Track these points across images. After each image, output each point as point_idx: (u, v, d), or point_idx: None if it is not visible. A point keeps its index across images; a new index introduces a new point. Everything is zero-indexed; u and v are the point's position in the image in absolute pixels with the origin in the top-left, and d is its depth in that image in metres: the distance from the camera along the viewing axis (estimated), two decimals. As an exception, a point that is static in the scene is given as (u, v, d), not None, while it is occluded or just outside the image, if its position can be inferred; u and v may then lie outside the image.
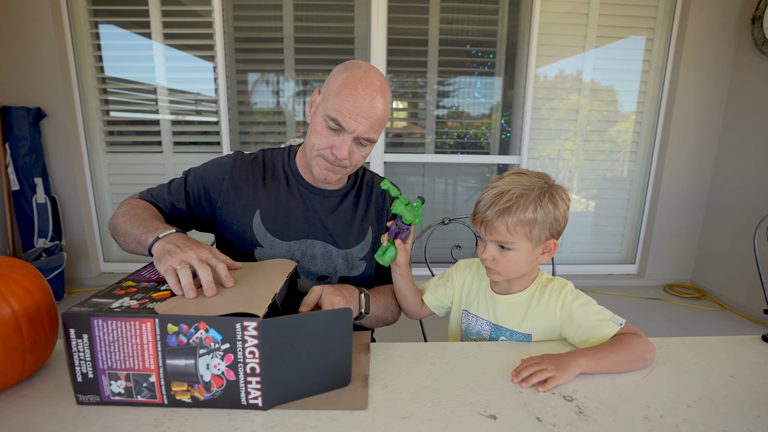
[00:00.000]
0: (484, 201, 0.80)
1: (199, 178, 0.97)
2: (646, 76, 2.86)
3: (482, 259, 0.83)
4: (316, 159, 0.90)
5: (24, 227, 2.53)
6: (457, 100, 2.89)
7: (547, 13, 2.70)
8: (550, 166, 2.98)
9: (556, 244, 0.83)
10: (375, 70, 0.87)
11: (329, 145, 0.87)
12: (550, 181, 0.81)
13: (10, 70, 2.45)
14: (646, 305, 2.70)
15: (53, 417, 0.59)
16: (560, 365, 0.70)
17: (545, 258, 0.84)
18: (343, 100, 0.83)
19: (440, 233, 1.44)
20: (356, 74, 0.84)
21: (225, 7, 2.59)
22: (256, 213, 0.94)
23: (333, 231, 0.97)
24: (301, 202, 0.96)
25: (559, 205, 0.79)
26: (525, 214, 0.76)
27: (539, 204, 0.77)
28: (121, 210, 0.88)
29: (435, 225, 1.29)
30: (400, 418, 0.61)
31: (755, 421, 0.63)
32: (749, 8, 2.59)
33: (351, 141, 0.86)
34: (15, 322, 0.62)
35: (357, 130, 0.84)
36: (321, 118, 0.86)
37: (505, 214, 0.77)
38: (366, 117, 0.84)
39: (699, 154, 2.86)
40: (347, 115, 0.83)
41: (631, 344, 0.74)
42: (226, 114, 2.70)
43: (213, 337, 0.57)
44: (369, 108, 0.83)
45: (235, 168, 0.96)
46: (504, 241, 0.79)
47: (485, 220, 0.79)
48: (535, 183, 0.79)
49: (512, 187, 0.78)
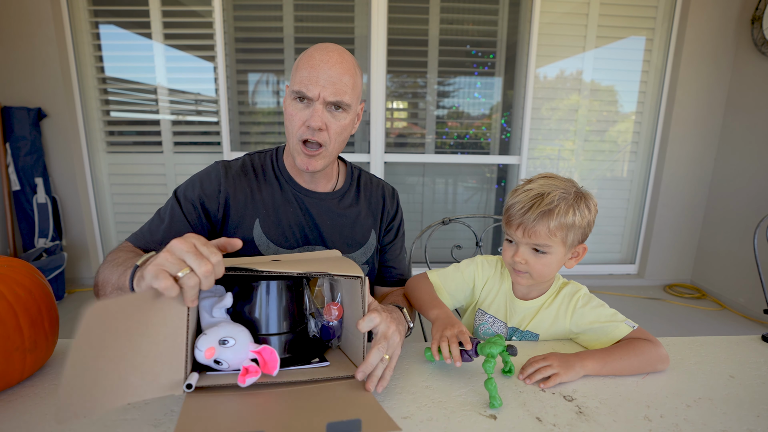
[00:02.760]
0: (521, 203, 0.77)
1: (194, 197, 0.89)
2: (646, 76, 2.86)
3: (513, 262, 0.80)
4: (296, 147, 0.86)
5: (24, 227, 2.53)
6: (457, 100, 2.89)
7: (547, 13, 2.70)
8: (550, 166, 2.98)
9: (585, 249, 0.82)
10: (335, 45, 0.85)
11: (302, 121, 0.83)
12: (579, 186, 0.81)
13: (10, 71, 2.45)
14: (646, 305, 2.70)
15: (53, 417, 0.59)
16: (565, 363, 0.70)
17: (573, 263, 0.83)
18: (303, 71, 0.82)
19: (440, 233, 1.44)
20: (314, 47, 0.84)
21: (225, 7, 2.59)
22: (255, 222, 0.91)
23: (332, 236, 0.95)
24: (298, 208, 0.94)
25: (591, 210, 0.79)
26: (566, 218, 0.75)
27: (577, 208, 0.76)
28: (101, 268, 0.77)
29: (435, 225, 1.30)
30: (401, 418, 0.61)
31: (755, 421, 0.63)
32: (749, 8, 2.59)
33: (322, 109, 0.82)
34: (15, 322, 0.62)
35: (322, 94, 0.81)
36: (290, 101, 0.85)
37: (546, 216, 0.75)
38: (327, 79, 0.81)
39: (699, 154, 2.86)
40: (308, 82, 0.81)
41: (643, 350, 0.73)
42: (226, 114, 2.70)
43: None
44: (329, 70, 0.81)
45: (228, 179, 0.91)
46: (541, 245, 0.77)
47: (524, 223, 0.76)
48: (570, 187, 0.78)
49: (551, 190, 0.76)
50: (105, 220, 2.84)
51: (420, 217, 3.06)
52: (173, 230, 0.86)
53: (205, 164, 0.95)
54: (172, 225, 0.86)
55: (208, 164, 0.94)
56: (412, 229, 3.01)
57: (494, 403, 0.64)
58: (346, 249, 0.97)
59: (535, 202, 0.75)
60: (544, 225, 0.75)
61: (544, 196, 0.75)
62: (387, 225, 1.06)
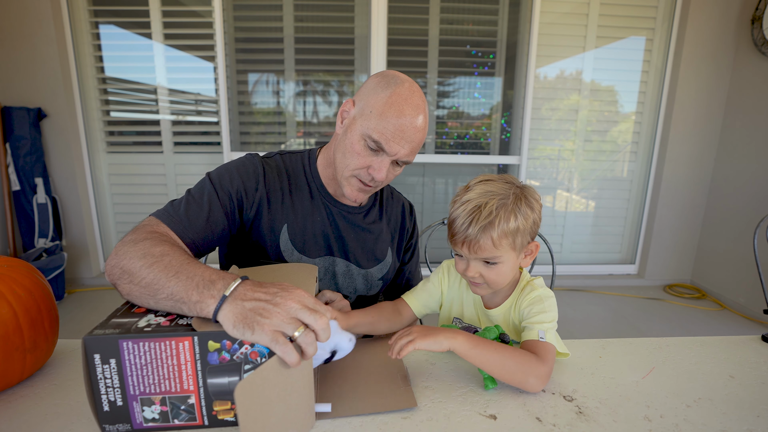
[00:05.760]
0: (460, 219, 0.73)
1: (231, 190, 0.82)
2: (646, 76, 2.86)
3: (467, 277, 0.78)
4: (349, 179, 0.84)
5: (24, 227, 2.53)
6: (457, 101, 2.89)
7: (547, 13, 2.70)
8: (550, 166, 2.99)
9: (537, 246, 0.80)
10: (417, 87, 0.81)
11: (366, 165, 0.81)
12: (519, 183, 0.77)
13: (10, 71, 2.45)
14: (646, 305, 2.70)
15: (53, 417, 0.59)
16: (428, 333, 0.68)
17: (528, 261, 0.81)
18: (388, 122, 0.77)
19: (440, 233, 1.44)
20: (401, 93, 0.78)
21: (225, 7, 2.59)
22: (284, 227, 0.87)
23: (355, 250, 0.94)
24: (326, 217, 0.91)
25: (534, 208, 0.76)
26: (508, 225, 0.72)
27: (518, 211, 0.73)
28: (134, 250, 0.63)
29: (435, 225, 1.30)
30: (401, 418, 0.61)
31: (755, 421, 0.63)
32: (749, 8, 2.59)
33: (389, 162, 0.81)
34: (15, 322, 0.62)
35: (399, 154, 0.80)
36: (359, 137, 0.80)
37: (488, 228, 0.71)
38: (409, 140, 0.79)
39: (699, 154, 2.86)
40: (391, 138, 0.78)
41: (522, 359, 0.68)
42: (226, 114, 2.70)
43: (259, 351, 0.53)
44: (413, 132, 0.79)
45: (267, 176, 0.86)
46: (489, 257, 0.74)
47: (468, 239, 0.73)
48: (507, 189, 0.75)
49: (488, 199, 0.73)
50: (105, 220, 2.84)
51: (420, 217, 3.06)
52: (211, 221, 0.79)
53: (205, 164, 0.92)
54: (210, 215, 0.79)
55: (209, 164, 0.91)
56: (412, 229, 3.01)
57: (488, 384, 0.66)
58: (366, 264, 0.95)
59: (474, 217, 0.72)
60: (487, 238, 0.72)
61: (481, 208, 0.72)
62: (407, 243, 1.05)
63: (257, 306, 0.53)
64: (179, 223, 0.75)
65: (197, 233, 0.77)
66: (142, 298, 0.59)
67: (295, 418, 0.56)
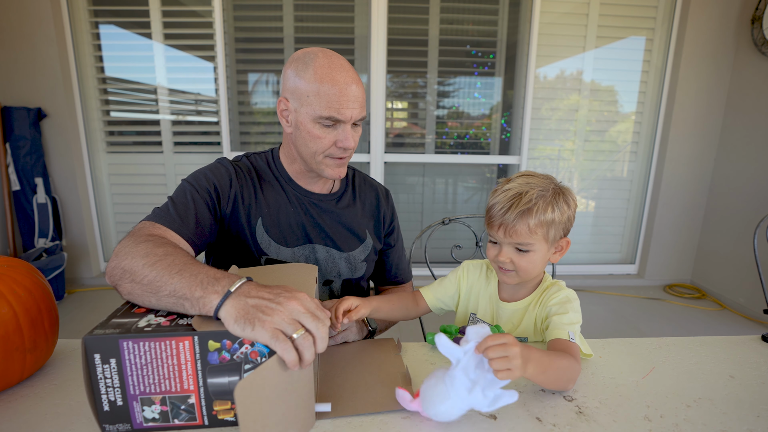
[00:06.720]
0: (500, 203, 0.78)
1: (208, 187, 0.86)
2: (646, 76, 2.86)
3: (498, 261, 0.81)
4: (324, 161, 0.88)
5: (24, 227, 2.53)
6: (457, 100, 2.89)
7: (547, 13, 2.70)
8: (550, 166, 2.98)
9: (569, 242, 0.83)
10: (329, 51, 0.84)
11: (332, 141, 0.85)
12: (557, 182, 0.82)
13: (10, 71, 2.45)
14: (646, 305, 2.70)
15: (53, 417, 0.59)
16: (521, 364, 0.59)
17: (557, 257, 0.84)
18: (329, 95, 0.80)
19: (440, 233, 1.44)
20: (321, 65, 0.81)
21: (225, 7, 2.59)
22: (258, 221, 0.91)
23: (333, 235, 0.97)
24: (299, 207, 0.95)
25: (570, 205, 0.80)
26: (545, 215, 0.76)
27: (556, 204, 0.77)
28: (136, 250, 0.64)
29: (435, 225, 1.30)
30: (401, 418, 0.61)
31: (755, 421, 0.63)
32: (749, 8, 2.59)
33: (350, 128, 0.85)
34: (15, 322, 0.62)
35: (353, 115, 0.84)
36: (312, 123, 0.83)
37: (526, 215, 0.76)
38: (354, 99, 0.83)
39: (699, 154, 2.86)
40: (340, 107, 0.81)
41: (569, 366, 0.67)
42: (226, 114, 2.70)
43: (259, 350, 0.54)
44: (354, 90, 0.82)
45: (238, 175, 0.91)
46: (523, 243, 0.78)
47: (504, 223, 0.77)
48: (548, 184, 0.79)
49: (529, 189, 0.77)
50: (105, 220, 2.84)
51: (420, 217, 3.06)
52: (200, 216, 0.82)
53: (205, 164, 0.94)
54: (198, 211, 0.82)
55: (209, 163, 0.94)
56: (412, 229, 3.01)
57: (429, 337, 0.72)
58: (346, 247, 0.98)
59: (513, 202, 0.77)
60: (524, 224, 0.76)
61: (522, 196, 0.77)
62: (388, 226, 1.07)
63: (260, 303, 0.54)
64: (174, 222, 0.78)
65: (191, 230, 0.80)
66: (144, 296, 0.59)
67: (295, 417, 0.56)
